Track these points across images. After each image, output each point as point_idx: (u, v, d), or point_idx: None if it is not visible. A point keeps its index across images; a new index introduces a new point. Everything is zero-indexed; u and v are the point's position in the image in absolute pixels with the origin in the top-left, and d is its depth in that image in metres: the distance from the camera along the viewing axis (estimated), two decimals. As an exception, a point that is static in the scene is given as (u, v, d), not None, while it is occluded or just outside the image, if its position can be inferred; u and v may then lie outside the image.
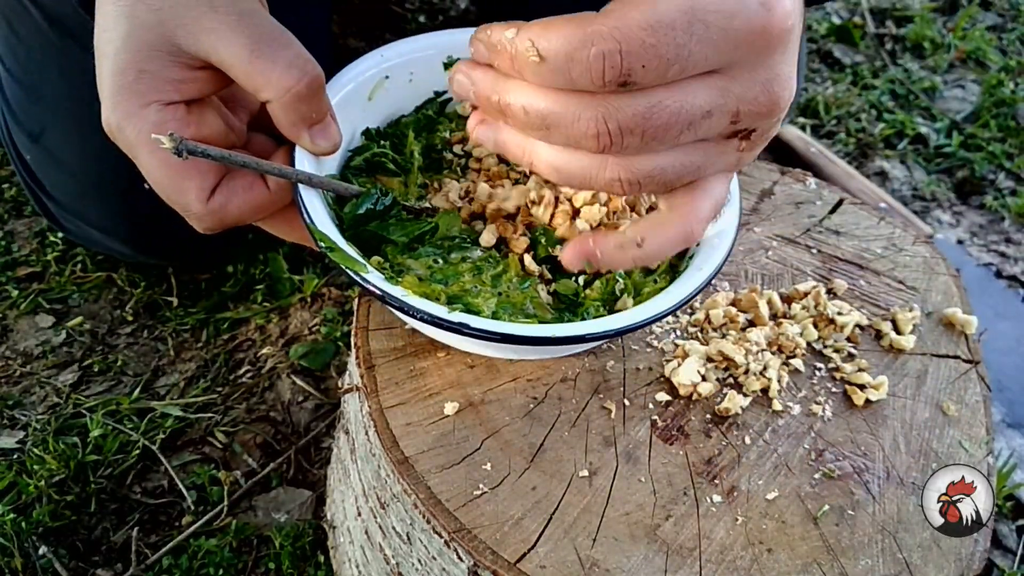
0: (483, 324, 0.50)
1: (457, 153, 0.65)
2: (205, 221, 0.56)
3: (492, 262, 0.58)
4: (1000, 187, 1.40)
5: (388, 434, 0.56)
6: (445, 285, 0.55)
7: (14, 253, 1.10)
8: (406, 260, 0.57)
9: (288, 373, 0.99)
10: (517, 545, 0.51)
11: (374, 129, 0.65)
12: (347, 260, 0.52)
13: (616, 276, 0.58)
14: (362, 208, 0.58)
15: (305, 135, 0.55)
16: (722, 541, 0.53)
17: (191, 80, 0.54)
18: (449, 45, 0.66)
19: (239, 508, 0.88)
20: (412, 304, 0.50)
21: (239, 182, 0.56)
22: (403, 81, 0.66)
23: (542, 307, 0.56)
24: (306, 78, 0.52)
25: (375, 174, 0.62)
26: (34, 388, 0.97)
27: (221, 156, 0.51)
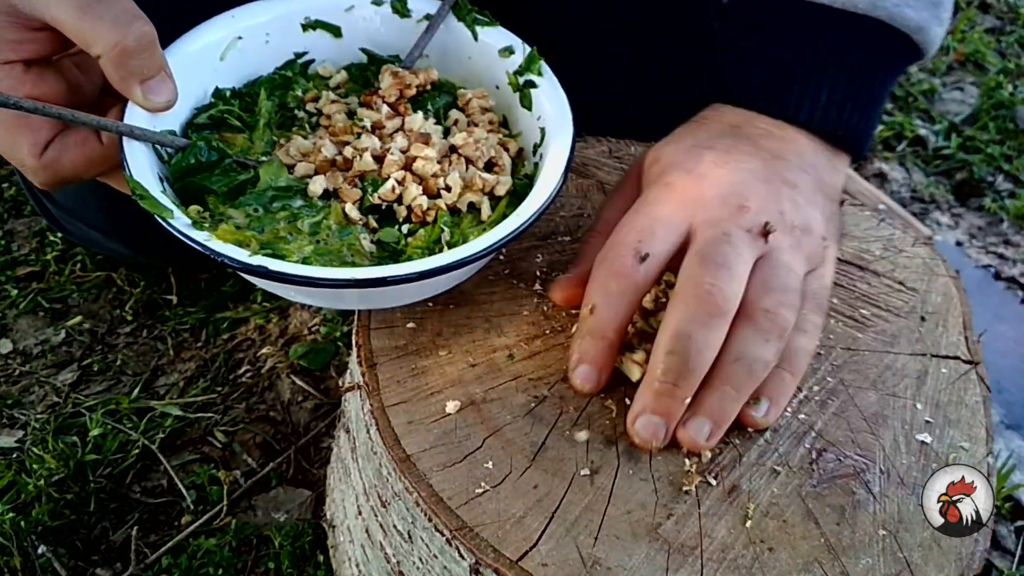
0: (281, 267, 0.51)
1: (309, 111, 0.67)
2: (40, 175, 0.57)
3: (312, 210, 0.58)
4: (999, 189, 1.40)
5: (390, 432, 0.56)
6: (260, 233, 0.56)
7: (13, 252, 1.10)
8: (227, 209, 0.58)
9: (288, 373, 0.99)
10: (519, 543, 0.51)
11: (227, 89, 0.65)
12: (155, 206, 0.53)
13: (441, 225, 0.59)
14: (189, 160, 0.59)
15: (136, 90, 0.56)
16: (723, 540, 0.53)
17: (29, 40, 0.55)
18: (304, 7, 0.68)
19: (239, 508, 0.88)
20: (213, 247, 0.51)
21: (72, 137, 0.57)
22: (259, 42, 0.67)
23: (361, 255, 0.57)
24: (133, 32, 0.53)
25: (220, 131, 0.63)
26: (33, 387, 0.97)
27: (33, 107, 0.53)
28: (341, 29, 0.69)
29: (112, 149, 0.57)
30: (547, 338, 0.62)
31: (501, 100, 0.69)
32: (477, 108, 0.67)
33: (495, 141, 0.65)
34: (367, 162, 0.61)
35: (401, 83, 0.66)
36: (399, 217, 0.60)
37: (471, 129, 0.65)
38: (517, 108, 0.68)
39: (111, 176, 0.61)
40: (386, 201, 0.60)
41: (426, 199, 0.60)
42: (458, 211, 0.61)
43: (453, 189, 0.61)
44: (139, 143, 0.57)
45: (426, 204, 0.60)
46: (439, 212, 0.60)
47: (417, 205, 0.60)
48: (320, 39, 0.69)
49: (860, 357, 0.65)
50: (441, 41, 0.69)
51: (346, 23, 0.69)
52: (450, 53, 0.70)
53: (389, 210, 0.60)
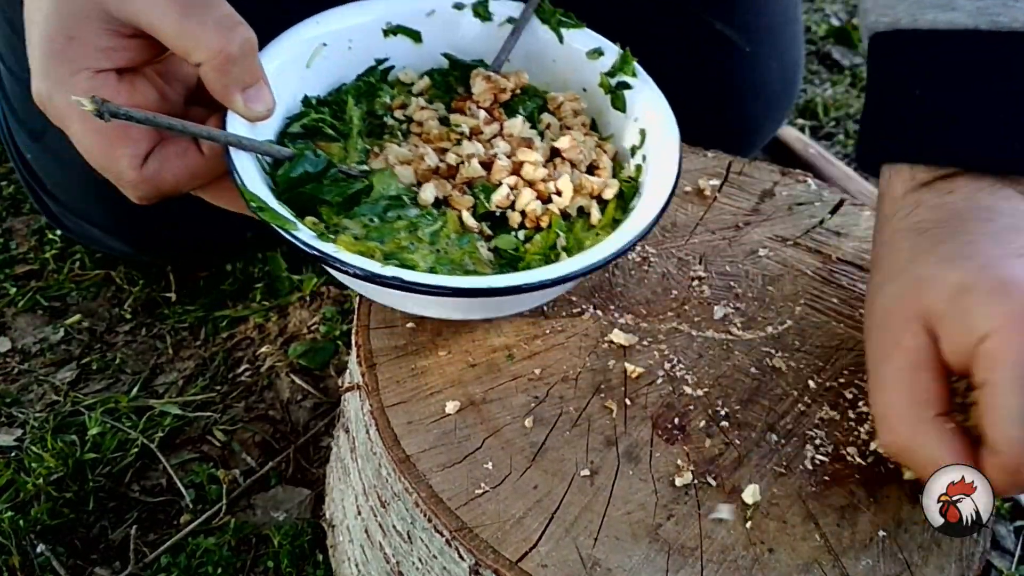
0: (417, 277, 0.50)
1: (398, 118, 0.66)
2: (139, 189, 0.55)
3: (429, 219, 0.58)
4: (998, 189, 1.40)
5: (389, 432, 0.56)
6: (381, 243, 0.55)
7: (12, 251, 1.10)
8: (342, 220, 0.57)
9: (287, 372, 0.99)
10: (518, 544, 0.51)
11: (313, 97, 0.64)
12: (278, 219, 0.51)
13: (556, 231, 0.58)
14: (297, 171, 0.57)
15: (238, 98, 0.54)
16: (723, 541, 0.53)
17: (122, 48, 0.53)
18: (386, 13, 0.67)
19: (238, 507, 0.87)
20: (344, 259, 0.50)
21: (172, 148, 0.55)
22: (342, 49, 0.65)
23: (481, 263, 0.56)
24: (237, 39, 0.52)
25: (314, 139, 0.62)
26: (32, 386, 0.97)
27: (145, 118, 0.51)
28: (421, 34, 0.68)
29: (213, 161, 0.55)
30: (547, 338, 0.62)
31: (589, 103, 0.68)
32: (569, 111, 0.66)
33: (593, 144, 0.64)
34: (475, 168, 0.60)
35: (495, 87, 0.65)
36: (513, 223, 0.59)
37: (569, 132, 0.64)
38: (608, 110, 0.67)
39: (208, 188, 0.59)
40: (501, 208, 0.59)
41: (539, 204, 0.59)
42: (567, 215, 0.60)
43: (564, 193, 0.60)
44: (246, 153, 0.55)
45: (540, 209, 0.59)
46: (553, 217, 0.59)
47: (531, 211, 0.59)
48: (400, 44, 0.68)
49: (861, 358, 0.65)
50: (524, 44, 0.68)
51: (426, 28, 0.68)
52: (533, 56, 0.69)
53: (502, 216, 0.60)
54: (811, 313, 0.67)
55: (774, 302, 0.68)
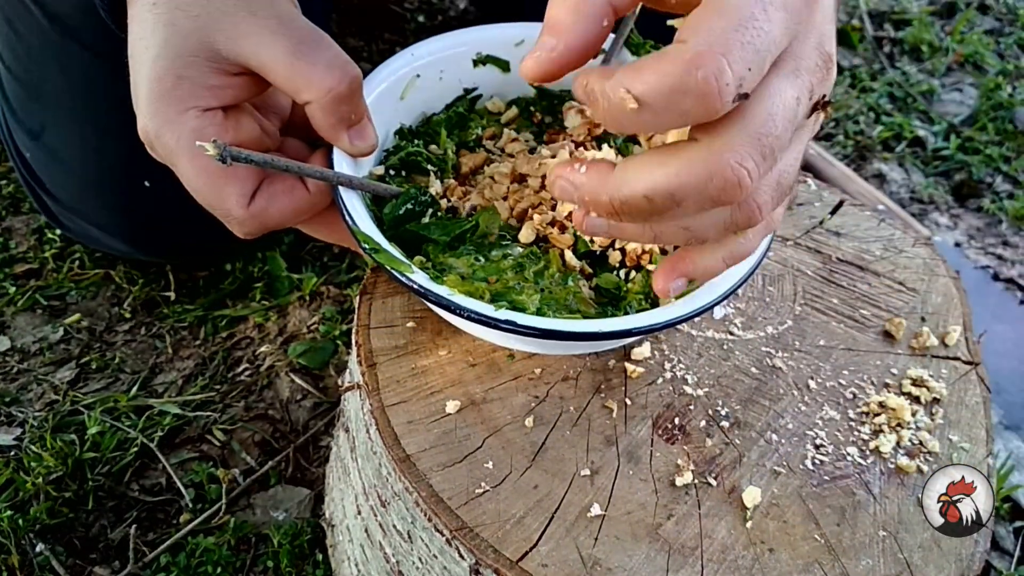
0: (530, 321, 0.50)
1: (490, 150, 0.66)
2: (247, 226, 0.56)
3: (533, 258, 0.57)
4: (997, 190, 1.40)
5: (389, 432, 0.56)
6: (487, 283, 0.55)
7: (12, 250, 1.10)
8: (448, 259, 0.57)
9: (287, 371, 0.99)
10: (519, 544, 0.51)
11: (407, 128, 0.65)
12: (392, 261, 0.52)
13: None
14: (402, 209, 0.58)
15: (344, 136, 0.55)
16: (723, 541, 0.53)
17: (229, 86, 0.54)
18: (477, 41, 0.67)
19: (237, 506, 0.87)
20: (458, 303, 0.50)
21: (279, 186, 0.56)
22: (433, 79, 0.66)
23: (585, 302, 0.56)
24: (347, 79, 0.52)
25: (411, 173, 0.63)
26: (31, 385, 0.97)
27: (264, 161, 0.51)
28: (510, 64, 0.68)
29: (319, 197, 0.56)
30: (547, 338, 0.62)
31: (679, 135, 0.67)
32: (659, 142, 0.65)
33: None
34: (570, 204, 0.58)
35: (589, 122, 0.64)
36: (613, 262, 0.59)
37: None
38: None
39: (310, 222, 0.59)
40: (602, 247, 0.59)
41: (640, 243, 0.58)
42: (664, 252, 0.59)
43: None
44: (355, 192, 0.55)
45: (641, 248, 0.58)
46: (653, 255, 0.59)
47: (632, 249, 0.58)
48: (489, 74, 0.68)
49: (860, 357, 0.65)
50: None
51: (515, 57, 0.68)
52: None
53: (602, 255, 0.59)
54: (811, 313, 0.67)
55: (774, 302, 0.68)
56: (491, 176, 0.62)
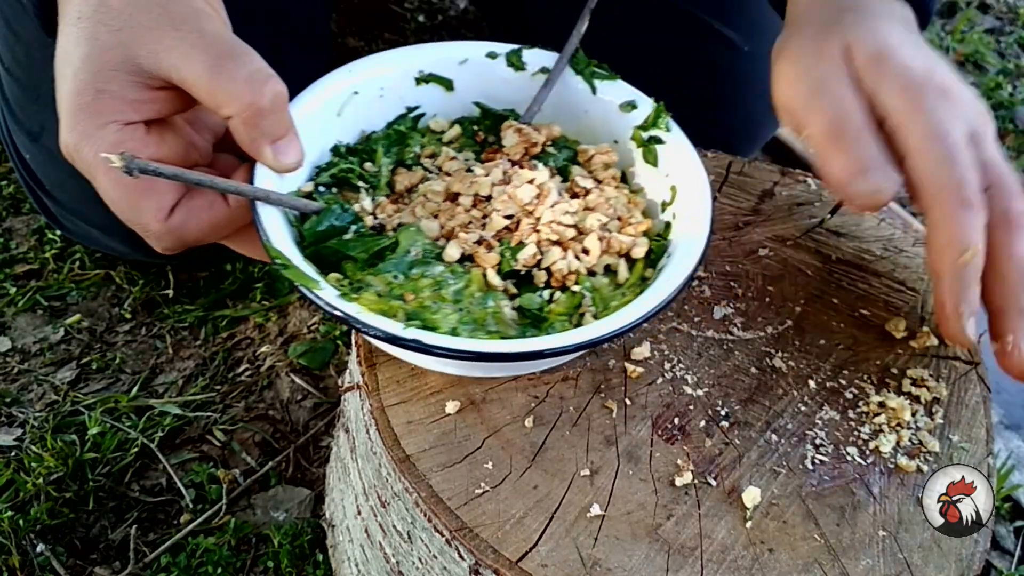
0: (438, 340, 0.49)
1: (428, 168, 0.64)
2: (164, 240, 0.55)
3: (454, 277, 0.56)
4: (998, 189, 1.40)
5: (389, 432, 0.56)
6: (404, 301, 0.54)
7: (12, 250, 1.10)
8: (366, 276, 0.56)
9: (287, 371, 0.99)
10: (519, 544, 0.51)
11: (343, 145, 0.64)
12: (300, 277, 0.51)
13: (583, 291, 0.57)
14: (323, 224, 0.57)
15: (267, 151, 0.54)
16: (723, 541, 0.53)
17: (151, 100, 0.53)
18: (419, 60, 0.66)
19: (238, 506, 0.88)
20: (365, 321, 0.49)
21: (198, 201, 0.55)
22: (373, 96, 0.65)
23: (505, 323, 0.55)
24: (268, 93, 0.52)
25: (342, 190, 0.61)
26: (32, 385, 0.97)
27: (174, 174, 0.51)
28: (453, 82, 0.67)
29: (239, 212, 0.55)
30: (547, 338, 0.62)
31: (620, 156, 0.66)
32: (600, 164, 0.65)
33: (624, 200, 0.63)
34: (499, 222, 0.59)
35: (527, 141, 0.64)
36: (538, 282, 0.58)
37: (601, 188, 0.63)
38: (639, 164, 0.65)
39: (233, 238, 0.59)
40: (527, 267, 0.58)
41: (566, 264, 0.58)
42: (594, 273, 0.59)
43: (592, 252, 0.58)
44: (274, 208, 0.55)
45: (566, 268, 0.58)
46: (580, 277, 0.58)
47: (558, 270, 0.57)
48: (432, 92, 0.67)
49: (861, 356, 0.65)
50: (555, 94, 0.67)
51: (459, 76, 0.67)
52: (564, 107, 0.67)
53: (527, 275, 0.58)
54: (811, 313, 0.67)
55: (774, 302, 0.68)
56: (424, 194, 0.61)
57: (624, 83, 0.67)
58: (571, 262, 0.58)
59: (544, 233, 0.58)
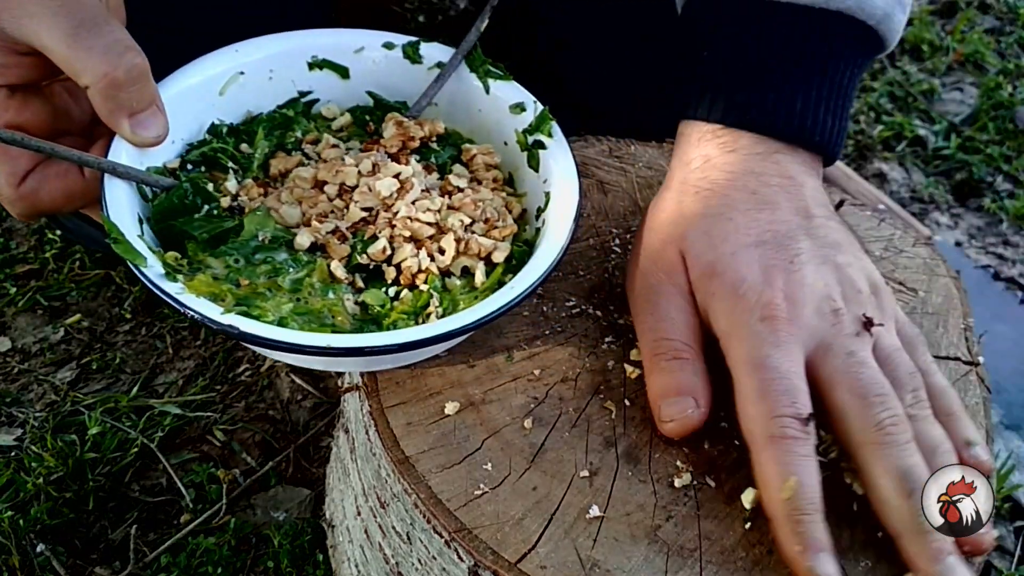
0: (254, 329, 0.48)
1: (307, 154, 0.64)
2: (16, 206, 0.56)
3: (296, 266, 0.56)
4: (998, 189, 1.40)
5: (388, 433, 0.56)
6: (237, 286, 0.54)
7: (12, 250, 1.10)
8: (206, 258, 0.55)
9: (287, 371, 0.99)
10: (518, 545, 0.51)
11: (225, 125, 0.63)
12: (129, 252, 0.50)
13: (430, 290, 0.56)
14: (172, 202, 0.56)
15: (124, 123, 0.54)
16: (723, 543, 0.53)
17: (15, 65, 0.53)
18: (313, 45, 0.66)
19: (238, 506, 0.88)
20: (183, 303, 0.49)
21: (52, 170, 0.55)
22: (261, 78, 0.64)
23: (343, 316, 0.54)
24: (124, 64, 0.52)
25: (212, 170, 0.61)
26: (32, 385, 0.97)
27: (12, 138, 0.51)
28: (349, 70, 0.67)
29: (94, 183, 0.55)
30: (546, 338, 0.62)
31: (509, 158, 0.66)
32: (482, 164, 0.65)
33: (500, 202, 0.62)
34: (356, 213, 0.58)
35: (405, 134, 0.63)
36: (388, 278, 0.57)
37: (475, 187, 0.62)
38: (524, 168, 0.65)
39: (92, 209, 0.58)
40: (376, 261, 0.57)
41: (417, 262, 0.57)
42: (450, 274, 0.58)
43: (447, 252, 0.58)
44: (121, 181, 0.54)
45: (416, 267, 0.57)
46: (430, 276, 0.57)
47: (407, 267, 0.57)
48: (326, 79, 0.67)
49: (860, 359, 0.65)
50: (451, 90, 0.67)
51: (354, 64, 0.67)
52: (459, 104, 0.67)
53: (377, 269, 0.58)
54: (811, 314, 0.67)
55: (774, 303, 0.68)
56: (294, 180, 0.61)
57: (517, 84, 0.66)
58: (423, 260, 0.57)
59: (398, 228, 0.57)
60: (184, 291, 0.50)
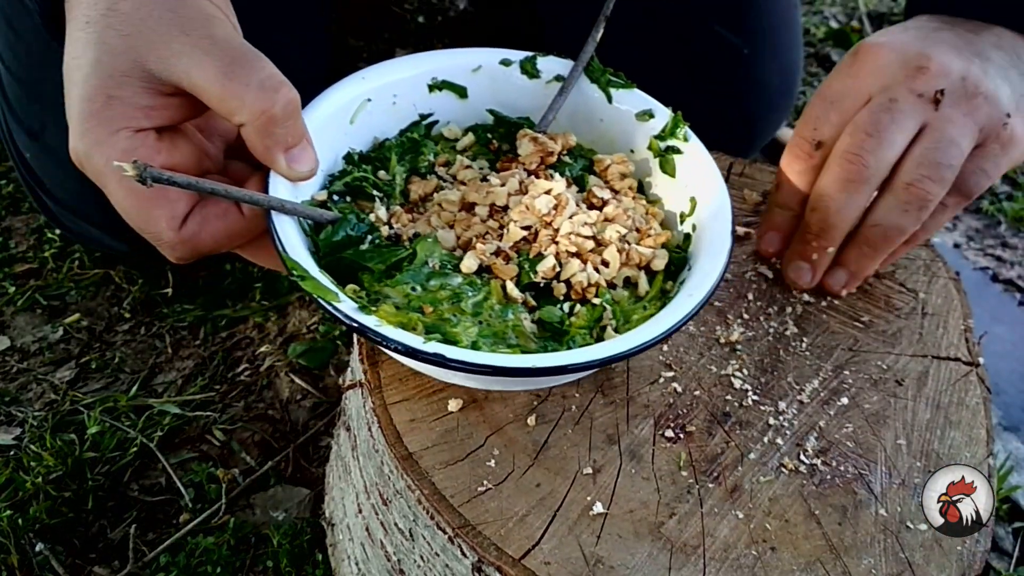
0: (461, 355, 0.48)
1: (442, 177, 0.64)
2: (177, 250, 0.54)
3: (473, 289, 0.56)
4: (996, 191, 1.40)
5: (392, 430, 0.56)
6: (422, 314, 0.54)
7: (11, 250, 1.10)
8: (383, 288, 0.55)
9: (286, 371, 0.99)
10: (521, 541, 0.51)
11: (356, 153, 0.63)
12: (319, 289, 0.50)
13: (603, 303, 0.56)
14: (338, 235, 0.56)
15: (280, 159, 0.53)
16: (726, 539, 0.53)
17: (162, 106, 0.52)
18: (433, 67, 0.66)
19: (237, 506, 0.87)
20: (385, 334, 0.48)
21: (212, 210, 0.54)
22: (386, 104, 0.64)
23: (525, 336, 0.55)
24: (280, 100, 0.51)
25: (356, 199, 0.61)
26: (31, 385, 0.97)
27: (188, 183, 0.50)
28: (467, 90, 0.67)
29: (254, 222, 0.55)
30: (549, 337, 0.62)
31: (636, 165, 0.66)
32: (616, 174, 0.64)
33: (642, 211, 0.62)
34: (516, 233, 0.58)
35: (542, 150, 0.63)
36: (558, 294, 0.57)
37: (618, 198, 0.62)
38: (656, 174, 0.65)
39: (246, 248, 0.58)
40: (546, 278, 0.57)
41: (586, 276, 0.57)
42: (613, 285, 0.59)
43: (612, 264, 0.58)
44: (287, 217, 0.54)
45: (586, 281, 0.57)
46: (600, 289, 0.57)
47: (577, 282, 0.57)
48: (445, 100, 0.67)
49: (861, 357, 0.65)
50: (570, 102, 0.67)
51: (472, 84, 0.67)
52: (579, 115, 0.67)
53: (547, 286, 0.58)
54: (812, 314, 0.68)
55: (775, 303, 0.68)
56: (439, 204, 0.61)
57: (640, 92, 0.66)
58: (591, 274, 0.57)
59: (563, 245, 0.57)
60: (382, 324, 0.50)
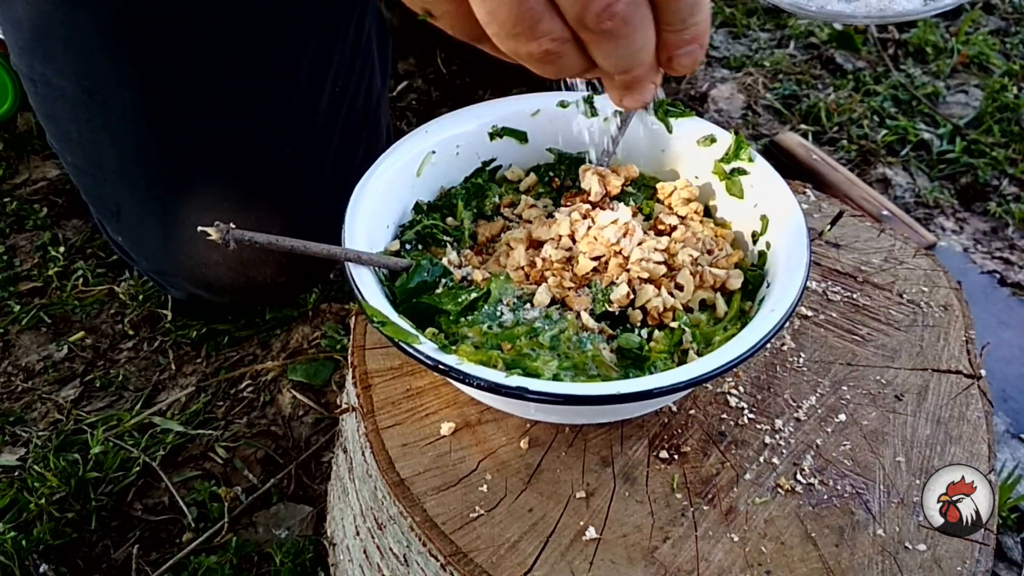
0: (543, 387, 0.49)
1: (508, 217, 0.66)
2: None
3: (549, 323, 0.56)
4: (1004, 193, 1.39)
5: (384, 455, 0.56)
6: (501, 351, 0.55)
7: (16, 268, 1.10)
8: (461, 328, 0.56)
9: (288, 388, 0.99)
10: (513, 568, 0.51)
11: (424, 203, 0.66)
12: (399, 333, 0.52)
13: (682, 327, 0.57)
14: (413, 281, 0.58)
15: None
16: (720, 563, 0.52)
17: None
18: (492, 115, 0.68)
19: (240, 524, 0.87)
20: (467, 372, 0.49)
21: None
22: (449, 154, 0.67)
23: (605, 365, 0.55)
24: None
25: (427, 246, 0.63)
26: (35, 404, 0.97)
27: (269, 241, 0.52)
28: (527, 134, 0.69)
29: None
30: (543, 357, 0.62)
31: (699, 190, 0.67)
32: (680, 200, 0.65)
33: (711, 233, 0.63)
34: (586, 265, 0.59)
35: (607, 183, 0.65)
36: (634, 321, 0.58)
37: (685, 223, 0.63)
38: (722, 197, 0.66)
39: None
40: (621, 306, 0.58)
41: (662, 301, 0.57)
42: (690, 309, 0.59)
43: (686, 288, 0.58)
44: (365, 268, 0.56)
45: (662, 306, 0.57)
46: (677, 313, 0.57)
47: (653, 307, 0.57)
48: (506, 145, 0.69)
49: (860, 372, 0.64)
50: (631, 136, 0.68)
51: (531, 127, 0.69)
52: (639, 146, 0.68)
53: (622, 314, 0.58)
54: (810, 328, 0.67)
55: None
56: (507, 243, 0.62)
57: (699, 118, 0.68)
58: (666, 299, 0.57)
59: (635, 271, 0.58)
60: (463, 362, 0.50)
